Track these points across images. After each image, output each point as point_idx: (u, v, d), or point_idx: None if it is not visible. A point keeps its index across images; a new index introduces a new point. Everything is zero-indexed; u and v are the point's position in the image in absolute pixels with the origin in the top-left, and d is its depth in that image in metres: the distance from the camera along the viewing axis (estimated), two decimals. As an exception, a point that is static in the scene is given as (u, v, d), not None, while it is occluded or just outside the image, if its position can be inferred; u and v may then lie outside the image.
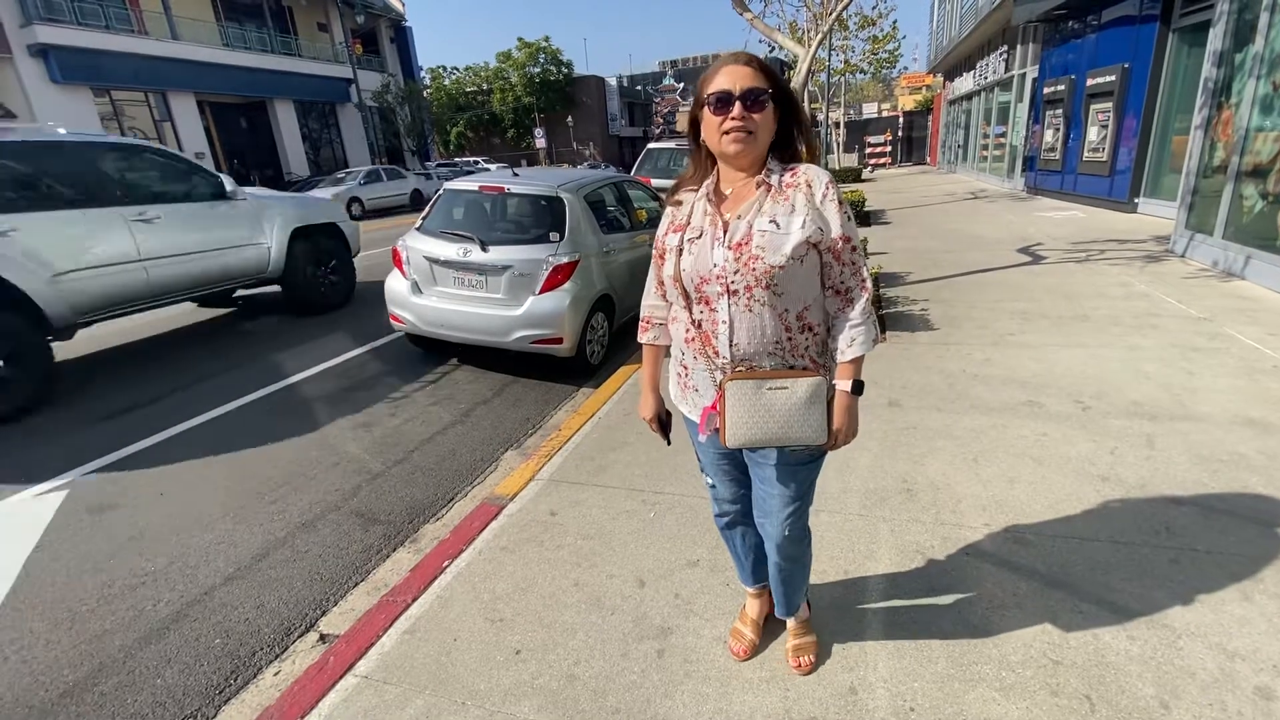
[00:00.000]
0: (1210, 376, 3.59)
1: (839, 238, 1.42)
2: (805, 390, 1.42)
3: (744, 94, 1.35)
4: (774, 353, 1.45)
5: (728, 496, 1.78)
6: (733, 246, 1.40)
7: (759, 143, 1.39)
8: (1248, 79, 5.80)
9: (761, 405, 1.43)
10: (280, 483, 3.32)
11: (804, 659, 1.84)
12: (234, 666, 2.16)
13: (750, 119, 1.36)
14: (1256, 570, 2.07)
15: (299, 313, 6.71)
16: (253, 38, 23.16)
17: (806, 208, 1.39)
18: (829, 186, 1.41)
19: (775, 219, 1.39)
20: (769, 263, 1.37)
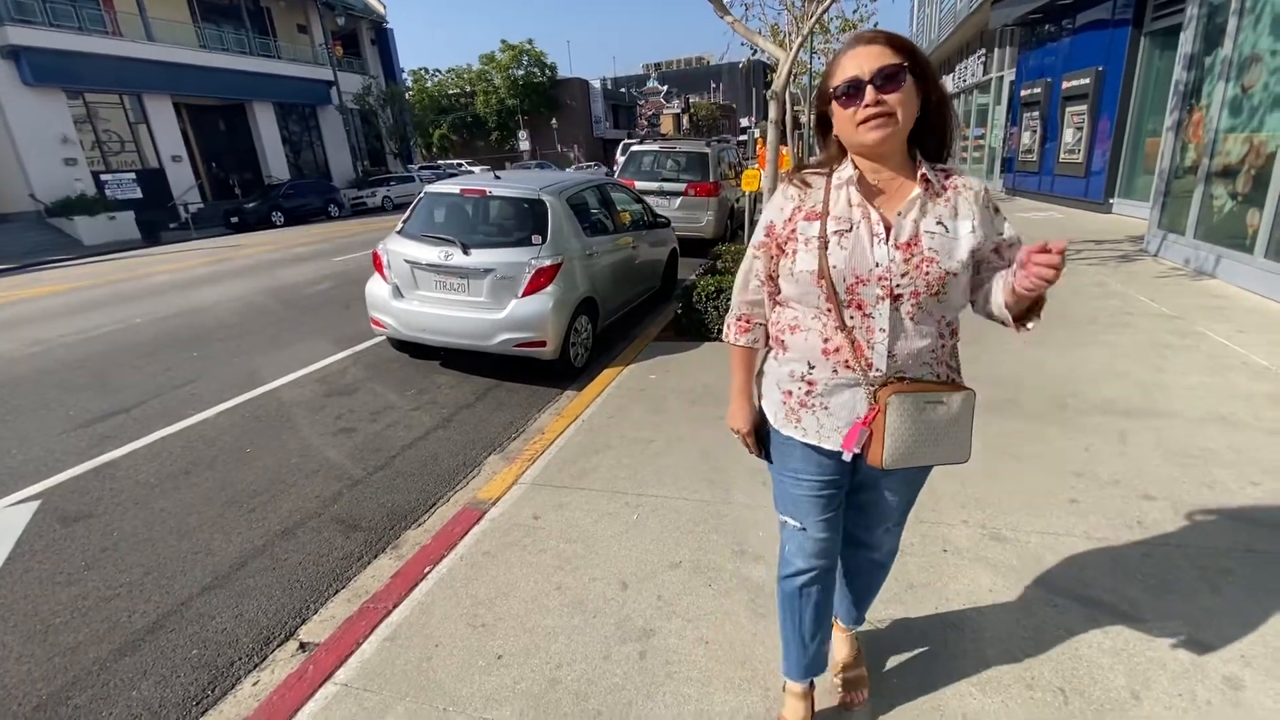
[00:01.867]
0: (1181, 373, 3.67)
1: (1009, 239, 1.30)
2: (959, 405, 1.30)
3: (875, 75, 1.18)
4: (927, 362, 1.31)
5: (818, 543, 1.46)
6: (900, 246, 1.24)
7: (901, 126, 1.21)
8: (1217, 81, 5.94)
9: (923, 421, 1.28)
10: (259, 490, 3.28)
11: (857, 695, 1.72)
12: (211, 677, 2.13)
13: (886, 101, 1.19)
14: (1225, 563, 2.12)
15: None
16: (230, 39, 22.86)
17: (972, 212, 1.26)
18: (984, 192, 1.30)
19: (942, 221, 1.25)
20: (944, 268, 1.23)
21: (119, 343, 6.02)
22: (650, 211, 6.51)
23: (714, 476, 2.95)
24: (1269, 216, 5.07)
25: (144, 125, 19.90)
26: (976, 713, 1.65)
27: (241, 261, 11.31)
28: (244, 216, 18.39)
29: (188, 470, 3.50)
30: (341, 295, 7.75)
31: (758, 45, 5.98)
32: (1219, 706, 1.62)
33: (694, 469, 3.03)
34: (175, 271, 10.53)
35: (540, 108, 45.28)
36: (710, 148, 10.19)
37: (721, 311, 5.00)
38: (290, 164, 25.39)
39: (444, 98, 45.48)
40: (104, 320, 6.98)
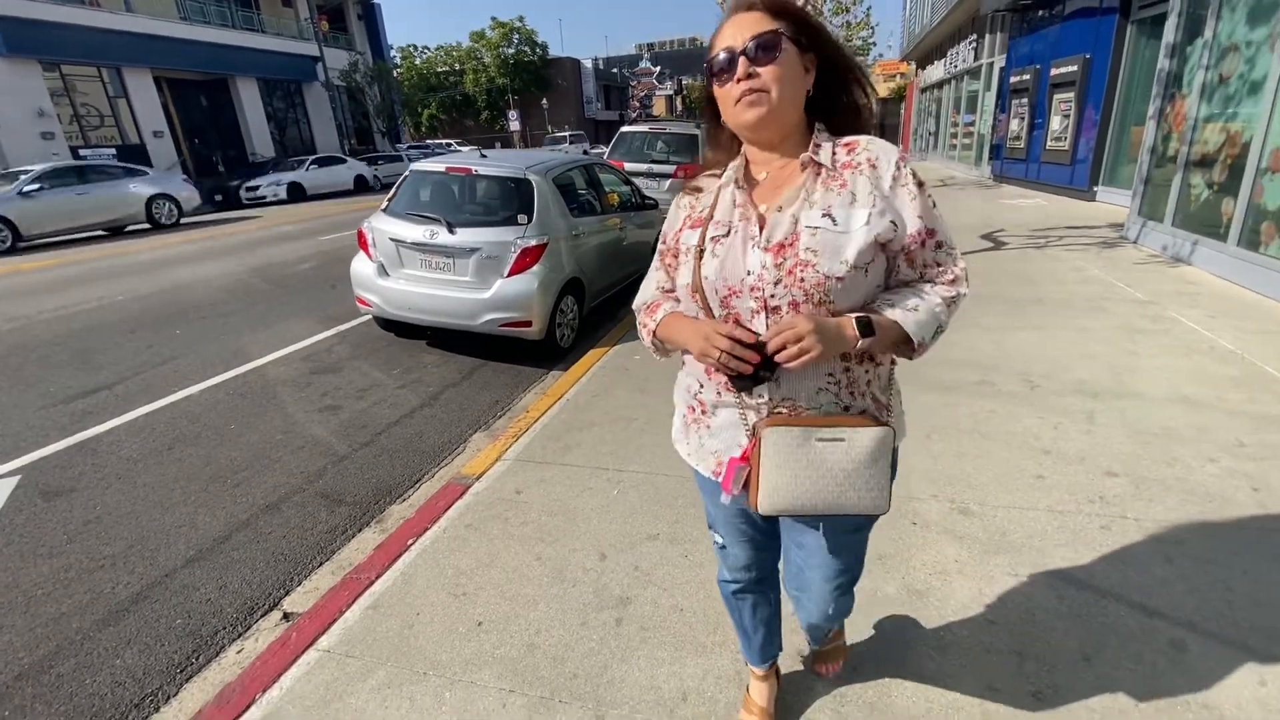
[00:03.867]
0: (1150, 356, 3.77)
1: (917, 234, 1.07)
2: (867, 443, 1.07)
3: (747, 45, 1.03)
4: (825, 388, 1.10)
5: (741, 562, 1.42)
6: (771, 249, 1.06)
7: (780, 103, 1.05)
8: (1198, 70, 6.00)
9: (810, 461, 1.08)
10: (243, 466, 3.30)
11: (828, 666, 1.75)
12: (196, 646, 2.17)
13: (759, 74, 1.03)
14: (1179, 535, 2.21)
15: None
16: (213, 12, 22.34)
17: (872, 196, 1.05)
18: (900, 165, 1.06)
19: (830, 212, 1.05)
20: (823, 272, 1.03)
21: (100, 319, 5.97)
22: (639, 193, 6.50)
23: (694, 454, 3.00)
24: (1242, 205, 5.17)
25: (124, 99, 19.48)
26: (934, 673, 1.72)
27: (226, 240, 11.17)
28: (228, 194, 18.10)
29: (171, 446, 3.51)
30: (327, 274, 7.70)
31: (747, 26, 5.94)
32: (1164, 669, 1.71)
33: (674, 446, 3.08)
34: (160, 248, 10.38)
35: (531, 87, 44.74)
36: (700, 130, 10.14)
37: (707, 294, 5.03)
38: (275, 141, 24.98)
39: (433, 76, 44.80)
40: (84, 297, 6.89)
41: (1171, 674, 1.69)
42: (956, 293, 1.10)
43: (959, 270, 1.11)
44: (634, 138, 10.36)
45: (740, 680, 1.75)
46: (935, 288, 1.09)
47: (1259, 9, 5.21)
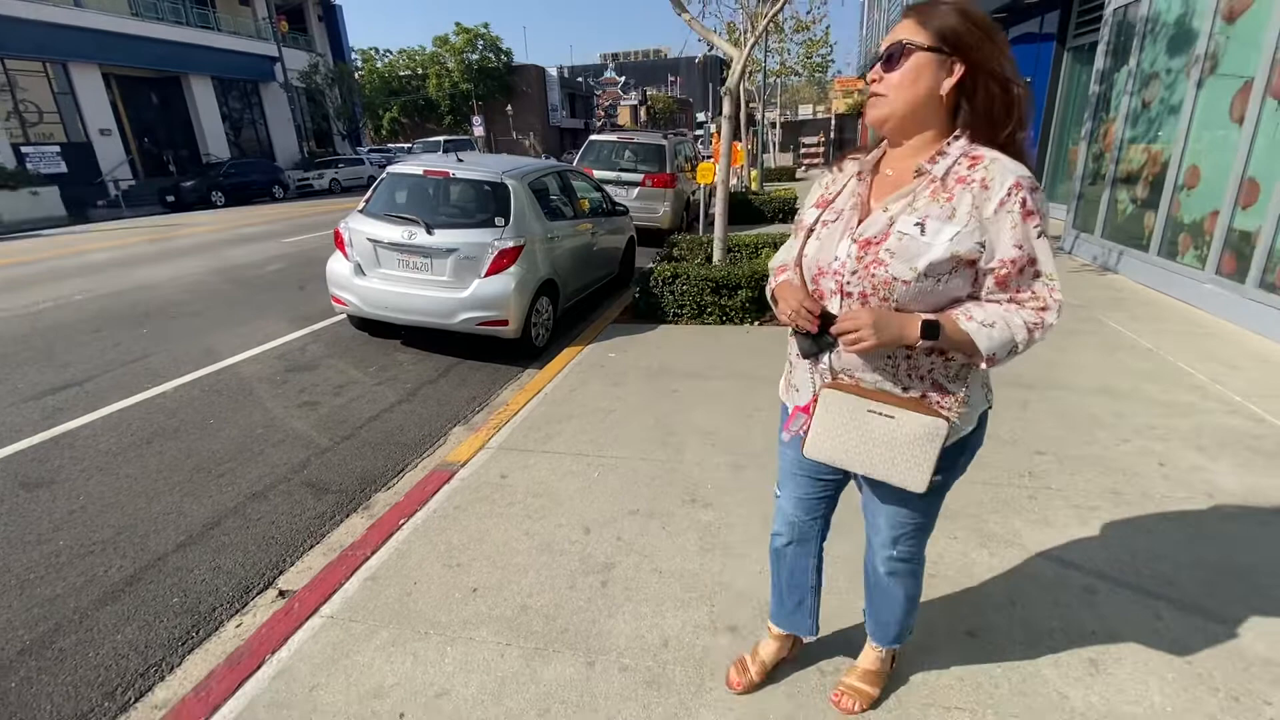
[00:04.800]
0: (1078, 353, 4.16)
1: (1010, 260, 1.11)
2: (915, 428, 1.18)
3: (882, 52, 1.14)
4: (882, 370, 1.22)
5: (790, 515, 1.55)
6: (860, 242, 1.17)
7: (894, 108, 1.14)
8: (1124, 95, 6.56)
9: (857, 427, 1.21)
10: (226, 458, 3.36)
11: (845, 700, 1.64)
12: (194, 621, 2.26)
13: (882, 79, 1.14)
14: (1094, 501, 2.52)
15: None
16: (165, 8, 21.71)
17: (970, 215, 1.10)
18: (1014, 190, 1.09)
19: (924, 221, 1.12)
20: (892, 273, 1.12)
21: (62, 319, 5.85)
22: (609, 200, 6.72)
23: (668, 440, 3.21)
24: (1161, 219, 5.68)
25: (69, 96, 18.76)
26: (885, 618, 1.96)
27: (184, 241, 10.93)
28: (181, 195, 17.61)
29: (150, 440, 3.54)
30: (295, 276, 7.66)
31: (713, 43, 6.24)
32: (1077, 609, 1.98)
33: (650, 434, 3.29)
34: (114, 249, 10.10)
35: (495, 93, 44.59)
36: (667, 140, 10.44)
37: (676, 295, 5.27)
38: (230, 142, 24.35)
39: (395, 79, 44.23)
40: (42, 297, 6.72)
41: (1083, 613, 1.97)
42: (1042, 320, 1.14)
43: (1051, 300, 1.14)
44: (603, 146, 10.59)
45: (714, 629, 1.95)
46: (1021, 311, 1.13)
47: (1177, 41, 5.75)
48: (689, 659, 1.84)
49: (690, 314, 5.29)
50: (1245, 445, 2.92)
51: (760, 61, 17.57)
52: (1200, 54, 5.24)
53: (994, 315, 1.12)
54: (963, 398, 1.22)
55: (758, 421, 3.38)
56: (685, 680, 1.77)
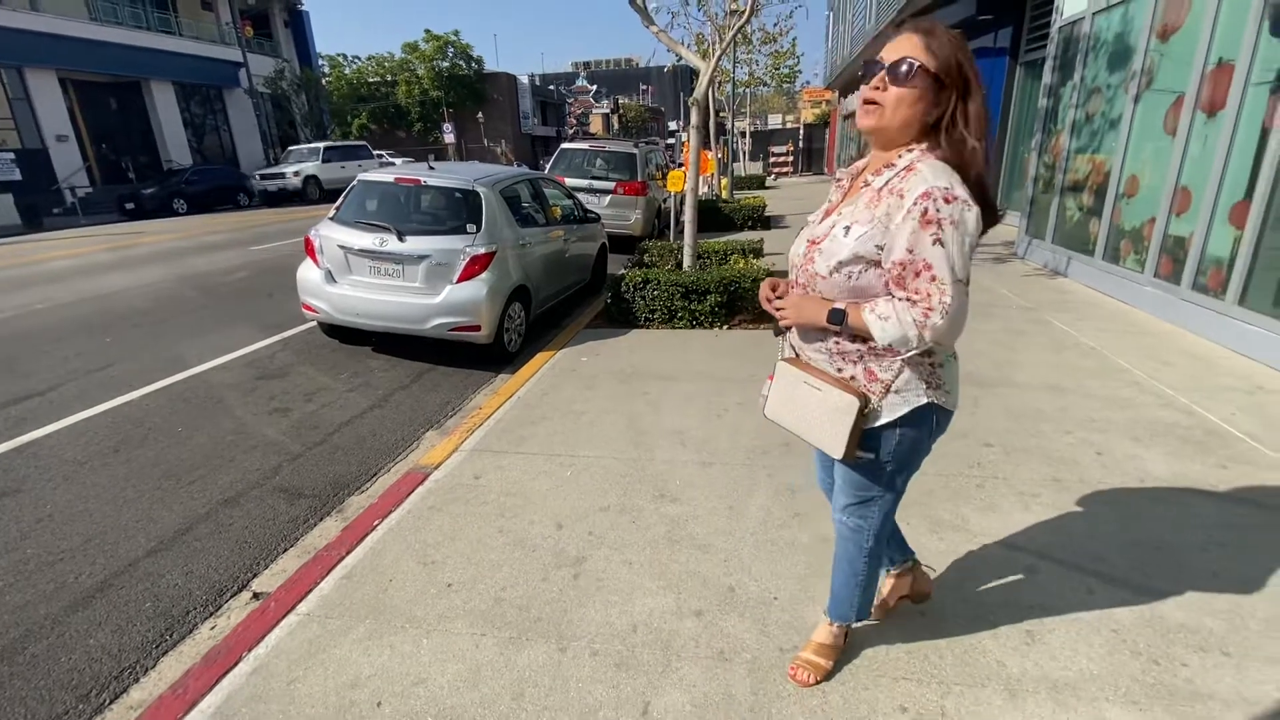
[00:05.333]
0: (1027, 353, 4.38)
1: (898, 262, 1.24)
2: (831, 403, 1.37)
3: (891, 63, 1.23)
4: (820, 349, 1.43)
5: (818, 471, 1.85)
6: (809, 241, 1.39)
7: (888, 122, 1.25)
8: (1069, 109, 6.91)
9: (796, 396, 1.44)
10: (196, 465, 3.35)
11: (802, 672, 1.75)
12: (168, 625, 2.27)
13: (881, 91, 1.24)
14: (1036, 489, 2.69)
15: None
16: (125, 12, 21.23)
17: (882, 221, 1.26)
18: (920, 200, 1.19)
19: (851, 225, 1.30)
20: (815, 269, 1.34)
21: (21, 328, 5.71)
22: (581, 207, 6.82)
23: (639, 440, 3.31)
24: (1105, 225, 6.00)
25: (25, 101, 18.19)
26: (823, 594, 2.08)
27: (146, 249, 10.70)
28: (141, 203, 17.18)
29: (117, 449, 3.51)
30: (263, 284, 7.58)
31: (681, 54, 6.40)
32: (1022, 586, 2.13)
33: (622, 435, 3.38)
34: (73, 257, 9.84)
35: (466, 101, 44.43)
36: (638, 149, 10.60)
37: (647, 301, 5.39)
38: (193, 148, 23.84)
39: (364, 86, 43.78)
40: (2, 305, 6.53)
41: (1023, 590, 2.11)
42: (926, 319, 1.23)
43: (936, 303, 1.22)
44: (575, 154, 10.70)
45: (681, 614, 2.05)
46: (912, 310, 1.24)
47: (1116, 58, 6.09)
48: (656, 642, 1.94)
49: (661, 319, 5.41)
50: (1175, 435, 3.14)
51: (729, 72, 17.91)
52: (1137, 70, 5.57)
53: (890, 311, 1.27)
54: (888, 384, 1.37)
55: (726, 421, 3.50)
56: (653, 661, 1.86)
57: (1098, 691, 1.71)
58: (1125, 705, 1.67)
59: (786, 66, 21.27)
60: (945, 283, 1.22)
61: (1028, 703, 1.68)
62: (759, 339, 5.00)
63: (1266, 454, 2.93)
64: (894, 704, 1.70)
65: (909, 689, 1.75)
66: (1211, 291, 4.54)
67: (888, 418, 1.39)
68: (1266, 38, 4.16)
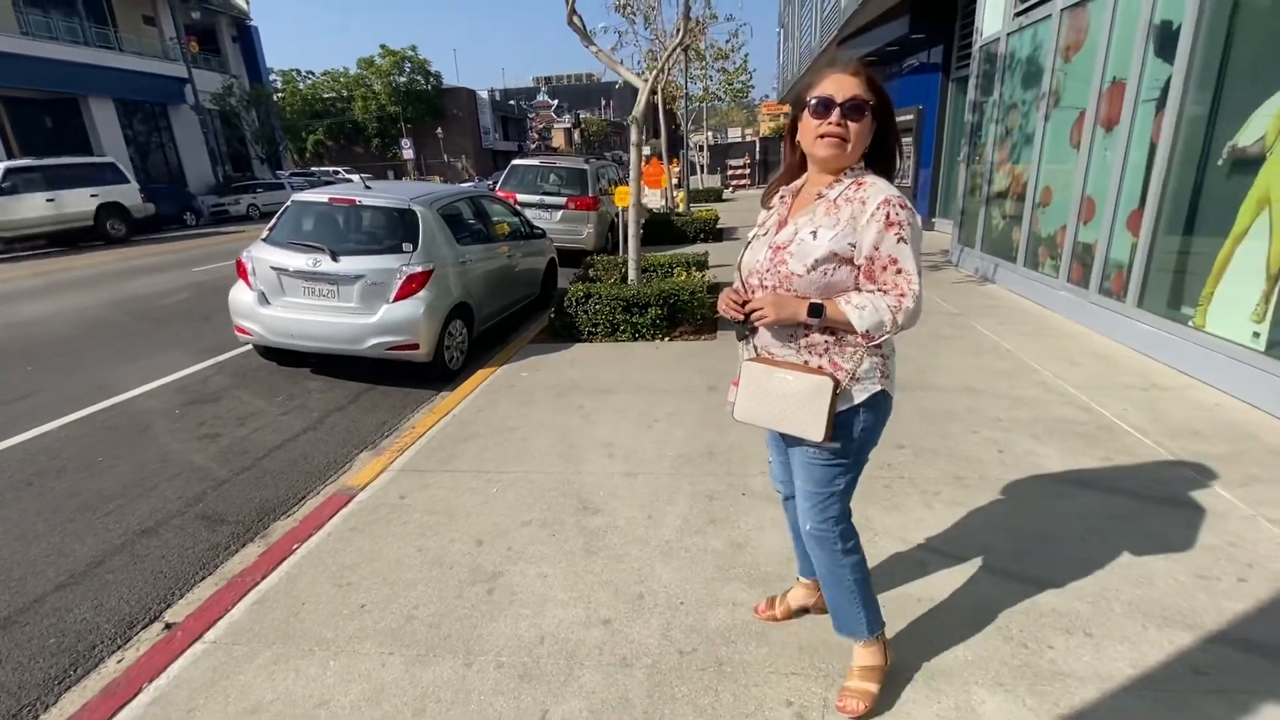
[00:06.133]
0: (948, 357, 4.59)
1: (869, 257, 1.44)
2: (807, 385, 1.48)
3: (845, 102, 1.42)
4: (787, 344, 1.54)
5: (776, 474, 1.92)
6: (773, 247, 1.53)
7: (851, 151, 1.46)
8: (991, 123, 7.28)
9: (768, 389, 1.53)
10: (114, 495, 3.28)
11: (850, 702, 1.73)
12: (72, 660, 2.23)
13: (846, 127, 1.43)
14: (938, 487, 2.84)
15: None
16: (60, 27, 20.54)
17: (849, 223, 1.44)
18: (882, 205, 1.41)
19: (816, 229, 1.47)
20: (791, 268, 1.47)
21: (-67, 359, 5.47)
22: (527, 223, 6.88)
23: (569, 454, 3.36)
24: (1025, 233, 6.33)
25: (-52, 119, 17.39)
26: (744, 600, 2.17)
27: (80, 273, 10.33)
28: (80, 224, 16.52)
29: (30, 482, 3.41)
30: (202, 307, 7.42)
31: (620, 74, 6.54)
32: (914, 580, 2.25)
33: (552, 449, 3.43)
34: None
35: (425, 116, 44.15)
36: (589, 164, 10.71)
37: (590, 315, 5.46)
38: (136, 167, 23.02)
39: (318, 101, 43.12)
40: (-91, 336, 6.24)
41: (913, 583, 2.23)
42: (900, 305, 1.42)
43: (909, 290, 1.43)
44: (526, 170, 10.75)
45: (589, 624, 2.11)
46: (886, 298, 1.43)
47: (1029, 76, 6.46)
48: (562, 652, 1.99)
49: (604, 332, 5.49)
50: (1072, 431, 3.34)
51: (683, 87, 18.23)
52: (1046, 88, 5.93)
53: (866, 300, 1.44)
54: (850, 371, 1.50)
55: (655, 431, 3.58)
56: (556, 671, 1.92)
57: (969, 675, 1.83)
58: (992, 687, 1.79)
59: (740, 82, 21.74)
60: (912, 273, 1.43)
61: (904, 690, 1.79)
62: (697, 350, 5.11)
63: (1149, 445, 3.15)
64: (781, 699, 1.79)
65: (796, 684, 1.84)
66: (1115, 295, 4.84)
67: (854, 401, 1.53)
68: (1153, 58, 4.49)
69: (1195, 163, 4.12)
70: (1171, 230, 4.33)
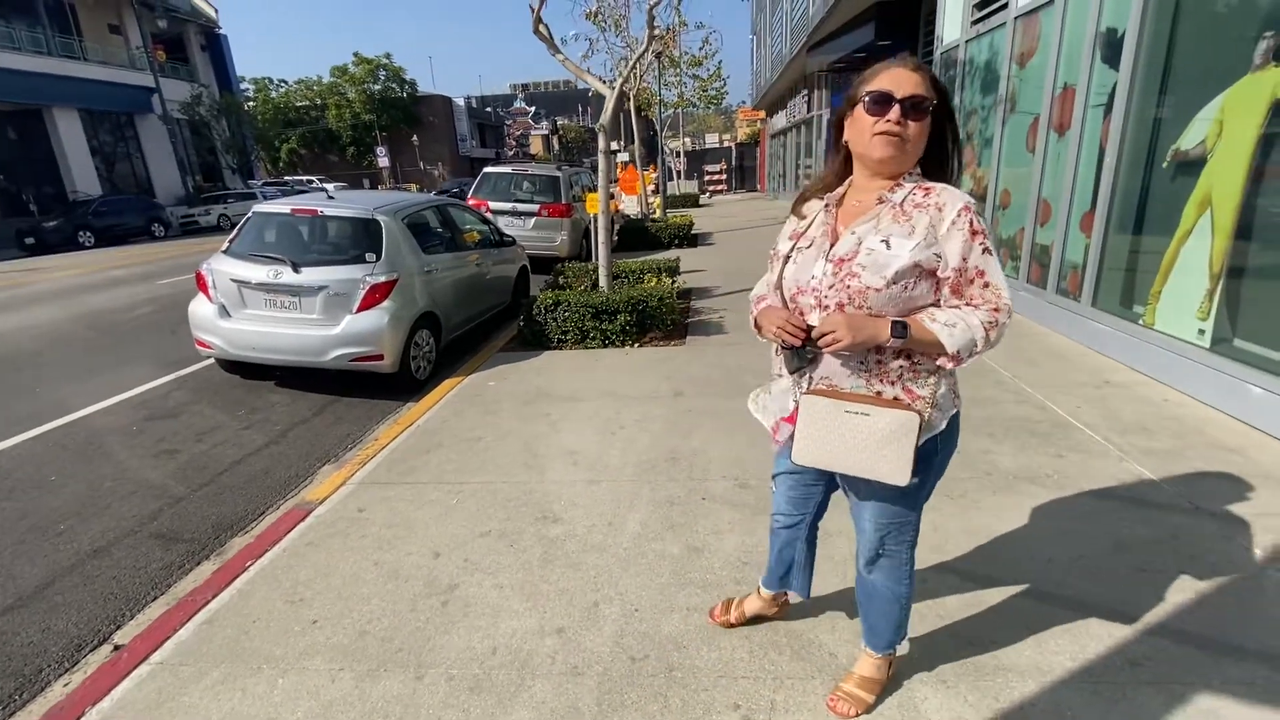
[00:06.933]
0: (911, 358, 4.66)
1: (957, 269, 1.30)
2: (888, 423, 1.30)
3: (906, 99, 1.28)
4: (857, 372, 1.37)
5: (780, 507, 1.79)
6: (834, 260, 1.35)
7: (909, 153, 1.33)
8: (953, 128, 7.42)
9: (838, 428, 1.35)
10: (66, 515, 3.21)
11: (840, 704, 1.72)
12: (18, 685, 2.17)
13: (906, 126, 1.29)
14: (894, 488, 2.88)
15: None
16: (23, 37, 20.12)
17: (927, 232, 1.30)
18: (963, 213, 1.29)
19: (889, 239, 1.31)
20: (865, 283, 1.30)
21: (-121, 379, 5.30)
22: (497, 231, 6.86)
23: (532, 463, 3.36)
24: (987, 235, 6.45)
25: (-97, 130, 16.92)
26: (699, 605, 2.18)
27: (42, 286, 10.10)
28: (42, 237, 16.24)
29: (-23, 503, 3.32)
30: (166, 320, 7.29)
31: (587, 81, 6.57)
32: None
33: (516, 458, 3.42)
34: (-49, 299, 9.18)
35: (401, 124, 43.85)
36: (562, 171, 10.72)
37: (559, 322, 5.46)
38: (102, 177, 22.66)
39: (291, 110, 42.62)
40: None
41: (866, 584, 2.26)
42: (995, 320, 1.29)
43: (1001, 303, 1.31)
44: (498, 179, 10.73)
45: (543, 634, 2.11)
46: (977, 313, 1.29)
47: (987, 82, 6.61)
48: (513, 663, 1.98)
49: (574, 339, 5.49)
50: (1026, 429, 3.41)
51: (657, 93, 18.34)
52: (1003, 93, 6.07)
53: (955, 317, 1.30)
54: (929, 398, 1.36)
55: (620, 439, 3.59)
56: (507, 682, 1.91)
57: (913, 673, 1.86)
58: (935, 684, 1.83)
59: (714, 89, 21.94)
60: (1001, 287, 1.32)
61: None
62: (666, 355, 5.14)
63: (1099, 442, 3.23)
64: (729, 703, 1.80)
65: (745, 687, 1.85)
66: (1070, 294, 4.96)
67: (935, 432, 1.40)
68: (1100, 64, 4.62)
69: (1142, 165, 4.24)
70: (1121, 231, 4.45)
